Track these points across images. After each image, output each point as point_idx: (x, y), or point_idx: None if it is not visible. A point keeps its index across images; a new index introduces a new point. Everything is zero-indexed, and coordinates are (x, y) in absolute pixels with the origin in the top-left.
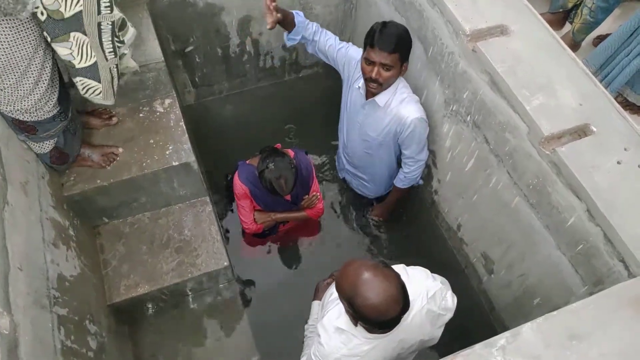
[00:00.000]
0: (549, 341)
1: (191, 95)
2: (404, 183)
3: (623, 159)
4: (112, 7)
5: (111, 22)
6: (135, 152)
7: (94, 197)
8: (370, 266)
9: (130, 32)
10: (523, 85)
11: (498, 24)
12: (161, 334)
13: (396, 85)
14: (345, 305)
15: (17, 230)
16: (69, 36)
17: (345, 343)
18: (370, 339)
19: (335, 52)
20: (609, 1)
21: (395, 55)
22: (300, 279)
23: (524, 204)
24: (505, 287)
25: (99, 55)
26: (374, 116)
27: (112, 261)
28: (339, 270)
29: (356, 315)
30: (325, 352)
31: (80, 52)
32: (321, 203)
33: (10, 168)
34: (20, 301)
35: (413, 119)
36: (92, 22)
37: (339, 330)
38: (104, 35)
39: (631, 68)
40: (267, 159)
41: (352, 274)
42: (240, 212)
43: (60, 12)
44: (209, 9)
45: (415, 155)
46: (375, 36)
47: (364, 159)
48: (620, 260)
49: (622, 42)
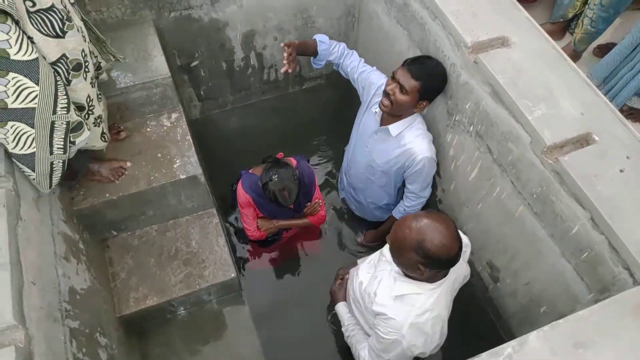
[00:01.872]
0: (555, 350)
1: (197, 109)
2: (402, 215)
3: (626, 167)
4: (68, 108)
5: (66, 122)
6: (143, 166)
7: (103, 211)
8: (425, 214)
9: (84, 134)
10: (525, 96)
11: (499, 35)
12: (169, 346)
13: (412, 120)
14: (409, 260)
15: (31, 245)
16: (5, 124)
17: (412, 305)
18: (434, 288)
19: (356, 74)
20: (609, 11)
21: (417, 83)
22: (306, 288)
23: (528, 212)
24: (511, 296)
25: (43, 148)
26: (384, 145)
27: (121, 274)
28: (394, 232)
29: (426, 261)
30: (398, 323)
31: (16, 139)
32: (323, 210)
33: (22, 184)
34: (34, 315)
35: (423, 158)
36: (44, 118)
37: (399, 298)
38: (56, 133)
39: (635, 82)
40: (270, 171)
41: (414, 224)
42: (243, 219)
43: (4, 101)
44: (214, 25)
45: (419, 192)
46: (411, 59)
47: (365, 183)
48: (625, 267)
49: (624, 56)
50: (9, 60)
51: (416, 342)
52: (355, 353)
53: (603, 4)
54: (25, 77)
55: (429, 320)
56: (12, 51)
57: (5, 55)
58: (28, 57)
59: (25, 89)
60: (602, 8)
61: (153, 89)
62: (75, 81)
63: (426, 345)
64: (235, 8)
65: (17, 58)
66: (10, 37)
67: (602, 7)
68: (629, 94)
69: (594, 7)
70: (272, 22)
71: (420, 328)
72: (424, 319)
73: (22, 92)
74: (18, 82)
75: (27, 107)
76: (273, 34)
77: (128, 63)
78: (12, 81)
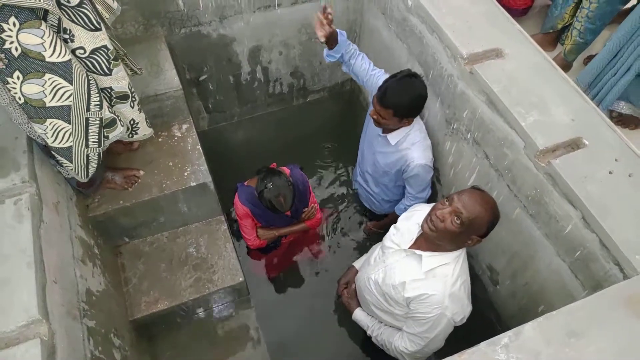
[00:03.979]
0: (549, 339)
1: (205, 121)
2: (402, 212)
3: (614, 169)
4: (101, 105)
5: (99, 119)
6: (156, 174)
7: (117, 218)
8: (478, 190)
9: (117, 130)
10: (518, 104)
11: (493, 47)
12: (179, 349)
13: (409, 129)
14: (472, 234)
15: (52, 246)
16: (45, 120)
17: (444, 276)
18: (459, 254)
19: (366, 77)
20: (595, 23)
21: (389, 110)
22: (312, 291)
23: (524, 214)
24: (510, 297)
25: (79, 142)
26: (386, 149)
27: (132, 279)
28: (465, 209)
29: (487, 232)
30: (438, 297)
31: (55, 134)
32: (319, 213)
33: (44, 189)
34: (55, 311)
35: (416, 165)
36: (79, 115)
37: (430, 273)
38: (90, 128)
39: (619, 87)
40: (265, 179)
41: (485, 202)
42: (243, 230)
43: (42, 100)
44: (222, 40)
45: (416, 193)
46: (381, 87)
47: (372, 178)
48: (615, 264)
49: (607, 62)
50: (44, 63)
51: (457, 309)
52: (390, 348)
53: (589, 17)
54: (60, 77)
55: (462, 286)
56: (47, 54)
57: (40, 57)
58: (62, 59)
59: (61, 88)
60: (589, 20)
61: (165, 101)
62: (116, 70)
63: (464, 310)
64: (242, 24)
65: (52, 60)
66: (44, 41)
67: (588, 19)
68: (614, 97)
69: (582, 19)
70: (278, 38)
71: (457, 295)
72: (458, 286)
73: (58, 91)
74: (54, 82)
75: (63, 105)
76: (278, 48)
77: (142, 76)
78: (48, 81)
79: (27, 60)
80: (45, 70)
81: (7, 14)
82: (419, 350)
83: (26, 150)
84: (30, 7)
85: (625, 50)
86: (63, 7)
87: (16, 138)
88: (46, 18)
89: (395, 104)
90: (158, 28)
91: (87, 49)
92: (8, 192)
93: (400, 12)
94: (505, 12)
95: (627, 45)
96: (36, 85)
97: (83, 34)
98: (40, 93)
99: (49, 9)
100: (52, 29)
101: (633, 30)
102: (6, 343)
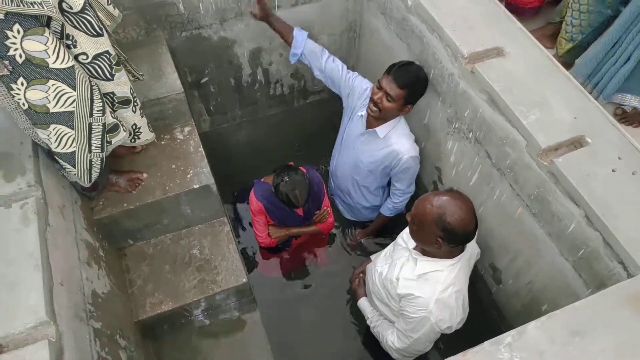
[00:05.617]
0: (552, 337)
1: (206, 123)
2: (391, 212)
3: (617, 167)
4: (104, 111)
5: (102, 124)
6: (159, 176)
7: (121, 220)
8: (446, 192)
9: (120, 135)
10: (519, 102)
11: (494, 46)
12: (184, 349)
13: (397, 121)
14: (429, 233)
15: (58, 249)
16: (48, 126)
17: (435, 281)
18: (453, 263)
19: (340, 80)
20: (587, 30)
21: (402, 91)
22: (315, 293)
23: (527, 213)
24: (513, 296)
25: (82, 147)
26: (372, 145)
27: (137, 281)
28: (416, 207)
29: (445, 234)
30: (424, 301)
31: (58, 140)
32: (332, 217)
33: (50, 193)
34: (63, 313)
35: (408, 158)
36: (83, 121)
37: (422, 277)
38: (93, 134)
39: (619, 76)
40: (282, 174)
41: (436, 199)
42: (255, 226)
43: (46, 106)
44: (223, 43)
45: (405, 188)
46: (395, 67)
47: (351, 184)
48: (619, 262)
49: (606, 51)
50: (48, 69)
51: (443, 316)
52: (382, 340)
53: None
54: (63, 84)
55: (452, 294)
56: (51, 60)
57: (44, 64)
58: (65, 65)
59: (64, 94)
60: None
61: (167, 104)
62: (118, 75)
63: (452, 319)
64: (242, 27)
65: (55, 66)
66: (48, 48)
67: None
68: (616, 86)
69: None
70: (278, 40)
71: (445, 302)
72: (447, 294)
73: (62, 97)
74: (57, 89)
75: (66, 111)
76: (279, 50)
77: (144, 80)
78: (52, 87)
79: (30, 67)
80: (48, 76)
81: (12, 22)
82: (404, 348)
83: (32, 154)
84: (34, 14)
85: (624, 38)
86: (66, 13)
87: (22, 143)
88: (49, 25)
89: (412, 83)
90: (159, 32)
91: (90, 54)
92: (14, 197)
93: (400, 12)
94: (506, 11)
95: (626, 33)
96: (40, 92)
97: (85, 39)
98: (43, 99)
99: (52, 15)
100: (55, 35)
101: (632, 19)
102: (15, 345)
